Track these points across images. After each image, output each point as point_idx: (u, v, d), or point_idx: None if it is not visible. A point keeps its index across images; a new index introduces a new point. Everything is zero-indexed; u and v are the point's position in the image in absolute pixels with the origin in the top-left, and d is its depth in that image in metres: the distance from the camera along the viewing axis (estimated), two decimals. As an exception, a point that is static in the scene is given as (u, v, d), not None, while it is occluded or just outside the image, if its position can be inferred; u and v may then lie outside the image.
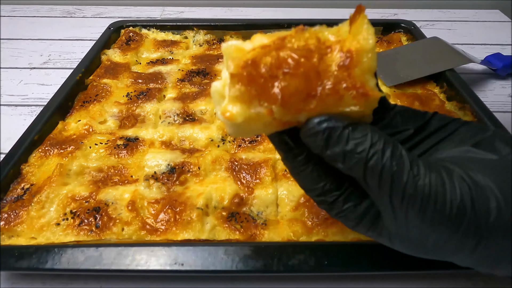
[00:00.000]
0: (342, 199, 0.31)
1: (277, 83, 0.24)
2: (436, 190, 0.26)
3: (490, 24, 0.99)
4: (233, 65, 0.25)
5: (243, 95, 0.25)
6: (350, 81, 0.24)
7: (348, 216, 0.31)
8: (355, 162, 0.27)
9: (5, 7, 1.05)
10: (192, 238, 0.41)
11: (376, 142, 0.27)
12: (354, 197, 0.31)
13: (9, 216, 0.42)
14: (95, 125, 0.55)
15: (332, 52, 0.25)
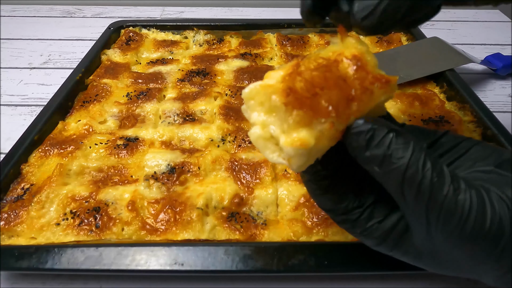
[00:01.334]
0: (365, 216, 0.31)
1: (321, 100, 0.26)
2: (476, 207, 0.25)
3: (490, 24, 0.99)
4: (277, 98, 0.26)
5: (303, 118, 0.26)
6: (371, 76, 0.27)
7: (373, 234, 0.31)
8: (394, 168, 0.26)
9: (5, 7, 1.05)
10: (192, 238, 0.41)
11: (417, 152, 0.26)
12: (378, 213, 0.30)
13: (9, 216, 0.43)
14: (95, 125, 0.55)
15: (341, 62, 0.28)
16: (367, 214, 0.31)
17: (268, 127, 0.27)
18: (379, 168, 0.27)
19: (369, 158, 0.27)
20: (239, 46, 0.76)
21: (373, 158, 0.27)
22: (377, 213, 0.31)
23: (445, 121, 0.56)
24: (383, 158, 0.26)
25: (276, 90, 0.26)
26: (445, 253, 0.28)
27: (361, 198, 0.31)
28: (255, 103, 0.28)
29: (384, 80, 0.27)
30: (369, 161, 0.27)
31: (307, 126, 0.26)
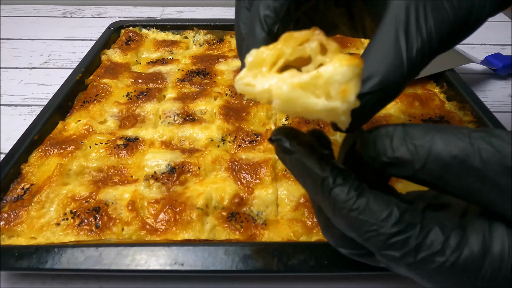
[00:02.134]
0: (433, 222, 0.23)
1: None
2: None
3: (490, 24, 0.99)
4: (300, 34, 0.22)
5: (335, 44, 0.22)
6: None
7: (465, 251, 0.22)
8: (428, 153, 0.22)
9: (5, 7, 1.05)
10: (192, 238, 0.41)
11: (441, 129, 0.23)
12: (448, 220, 0.24)
13: (9, 216, 0.42)
14: (95, 125, 0.55)
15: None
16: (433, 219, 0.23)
17: (292, 81, 0.21)
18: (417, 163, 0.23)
19: (399, 159, 0.24)
20: (239, 46, 0.76)
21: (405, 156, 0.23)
22: (447, 219, 0.24)
23: (445, 121, 0.56)
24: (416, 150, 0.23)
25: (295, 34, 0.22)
26: None
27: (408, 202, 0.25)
28: (267, 66, 0.23)
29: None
30: (402, 163, 0.24)
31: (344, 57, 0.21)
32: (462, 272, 0.22)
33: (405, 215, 0.23)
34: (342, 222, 0.25)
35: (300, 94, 0.21)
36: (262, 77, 0.23)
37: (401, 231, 0.23)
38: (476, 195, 0.22)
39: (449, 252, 0.22)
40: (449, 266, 0.22)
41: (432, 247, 0.22)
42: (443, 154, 0.22)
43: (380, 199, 0.24)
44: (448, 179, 0.22)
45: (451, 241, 0.22)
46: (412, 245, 0.23)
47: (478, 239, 0.22)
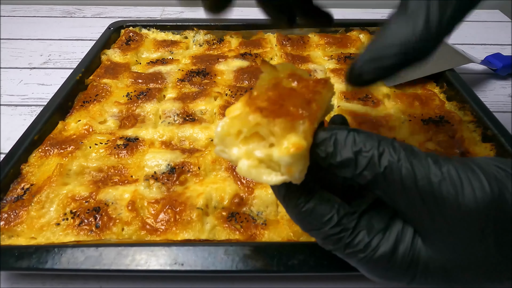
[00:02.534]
0: (363, 224, 0.28)
1: (289, 107, 0.27)
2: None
3: (490, 24, 0.99)
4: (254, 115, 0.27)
5: (286, 125, 0.27)
6: (312, 82, 0.30)
7: (379, 250, 0.28)
8: (367, 161, 0.26)
9: (5, 7, 1.05)
10: (192, 238, 0.41)
11: (384, 139, 0.27)
12: (378, 221, 0.29)
13: (9, 216, 0.42)
14: (95, 125, 0.55)
15: (283, 82, 0.30)
16: (365, 222, 0.29)
17: (253, 154, 0.27)
18: (355, 168, 0.27)
19: (342, 163, 0.27)
20: (239, 46, 0.76)
21: (346, 161, 0.27)
22: (376, 221, 0.29)
23: (445, 121, 0.56)
24: (355, 156, 0.26)
25: (247, 114, 0.27)
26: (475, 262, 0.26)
27: (350, 205, 0.30)
28: (232, 137, 0.28)
29: (322, 81, 0.30)
30: (344, 166, 0.27)
31: (292, 131, 0.26)
32: (375, 264, 0.28)
33: (343, 220, 0.29)
34: (293, 218, 0.31)
35: (255, 173, 0.27)
36: (231, 146, 0.28)
37: (335, 233, 0.29)
38: (392, 202, 0.27)
39: (369, 251, 0.28)
40: (367, 260, 0.28)
41: (357, 246, 0.28)
42: (375, 167, 0.26)
43: (324, 204, 0.29)
44: (375, 184, 0.27)
45: (373, 241, 0.28)
46: (342, 243, 0.29)
47: (391, 242, 0.28)
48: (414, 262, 0.27)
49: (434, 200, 0.25)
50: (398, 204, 0.27)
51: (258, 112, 0.27)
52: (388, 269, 0.28)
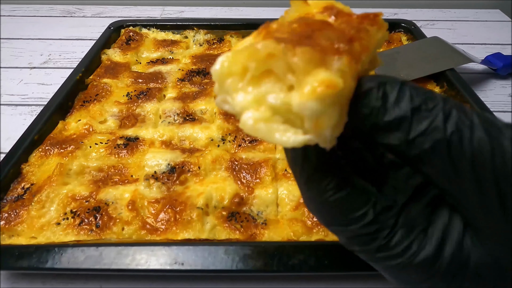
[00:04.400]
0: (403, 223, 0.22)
1: (321, 39, 0.19)
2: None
3: (490, 24, 0.99)
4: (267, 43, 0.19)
5: (312, 56, 0.18)
6: (356, 16, 0.23)
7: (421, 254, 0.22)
8: (429, 122, 0.19)
9: (5, 7, 1.05)
10: (192, 237, 0.41)
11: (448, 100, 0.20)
12: (419, 218, 0.23)
13: (10, 215, 0.43)
14: (95, 125, 0.55)
15: (315, 16, 0.23)
16: (404, 219, 0.22)
17: (265, 100, 0.19)
18: (408, 133, 0.19)
19: (391, 123, 0.20)
20: (239, 46, 0.76)
21: (398, 120, 0.20)
22: (418, 217, 0.22)
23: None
24: (411, 114, 0.19)
25: (257, 46, 0.19)
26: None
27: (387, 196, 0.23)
28: (236, 78, 0.20)
29: (371, 15, 0.23)
30: (393, 128, 0.20)
31: (321, 65, 0.18)
32: (414, 271, 0.22)
33: (380, 217, 0.22)
34: (314, 210, 0.25)
35: (265, 130, 0.19)
36: (235, 91, 0.20)
37: (369, 233, 0.23)
38: (447, 184, 0.21)
39: (408, 255, 0.22)
40: (403, 266, 0.22)
41: (394, 250, 0.22)
42: (439, 131, 0.19)
43: (359, 195, 0.23)
44: (431, 157, 0.20)
45: (414, 244, 0.22)
46: (375, 245, 0.23)
47: (435, 241, 0.22)
48: (463, 266, 0.21)
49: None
50: (455, 188, 0.20)
51: (273, 41, 0.19)
52: (429, 276, 0.22)
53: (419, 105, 0.20)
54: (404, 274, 0.23)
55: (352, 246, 0.24)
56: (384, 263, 0.23)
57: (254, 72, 0.19)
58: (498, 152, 0.18)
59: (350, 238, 0.23)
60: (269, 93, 0.19)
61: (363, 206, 0.22)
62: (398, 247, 0.22)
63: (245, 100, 0.19)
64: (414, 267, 0.22)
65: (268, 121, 0.19)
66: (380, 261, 0.23)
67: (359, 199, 0.23)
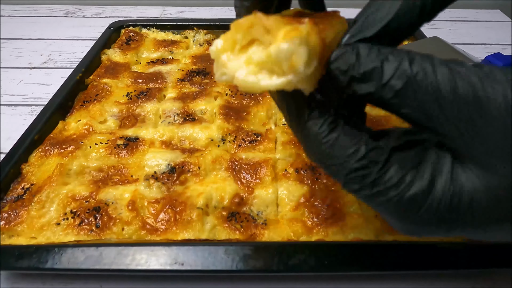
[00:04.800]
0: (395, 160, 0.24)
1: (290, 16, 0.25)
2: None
3: (490, 24, 0.99)
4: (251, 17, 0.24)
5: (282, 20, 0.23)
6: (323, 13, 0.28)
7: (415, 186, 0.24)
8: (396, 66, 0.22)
9: (5, 7, 1.05)
10: (192, 237, 0.41)
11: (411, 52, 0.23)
12: (411, 158, 0.25)
13: (9, 215, 0.43)
14: (95, 125, 0.55)
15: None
16: (397, 157, 0.24)
17: (252, 59, 0.24)
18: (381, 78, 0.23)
19: (366, 74, 0.23)
20: (239, 46, 0.76)
21: (371, 70, 0.23)
22: (409, 158, 0.24)
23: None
24: (381, 64, 0.23)
25: (240, 21, 0.24)
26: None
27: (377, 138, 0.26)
28: (228, 52, 0.25)
29: (331, 13, 0.28)
30: (368, 78, 0.23)
31: (290, 24, 0.23)
32: (409, 204, 0.24)
33: (371, 153, 0.25)
34: (313, 154, 0.27)
35: (252, 80, 0.23)
36: (229, 62, 0.25)
37: (363, 167, 0.25)
38: (424, 119, 0.23)
39: (402, 187, 0.24)
40: (399, 199, 0.24)
41: (388, 182, 0.24)
42: (406, 71, 0.22)
43: (350, 135, 0.25)
44: (406, 96, 0.23)
45: (407, 177, 0.24)
46: (370, 180, 0.24)
47: (427, 176, 0.24)
48: (456, 197, 0.23)
49: (478, 105, 0.21)
50: (432, 121, 0.23)
51: (252, 14, 0.24)
52: (425, 211, 0.24)
53: (387, 56, 0.23)
54: (400, 211, 0.25)
55: (351, 185, 0.26)
56: (380, 198, 0.25)
57: (242, 41, 0.24)
58: (459, 79, 0.21)
59: (347, 175, 0.25)
60: (254, 53, 0.24)
61: (355, 144, 0.25)
62: (392, 179, 0.24)
63: (236, 64, 0.24)
64: (408, 200, 0.24)
65: (255, 73, 0.24)
66: (378, 196, 0.25)
67: (350, 139, 0.25)
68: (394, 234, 0.41)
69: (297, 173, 0.47)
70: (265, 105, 0.59)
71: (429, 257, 0.37)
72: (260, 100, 0.60)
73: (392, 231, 0.41)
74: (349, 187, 0.26)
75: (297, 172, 0.47)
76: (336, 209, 0.43)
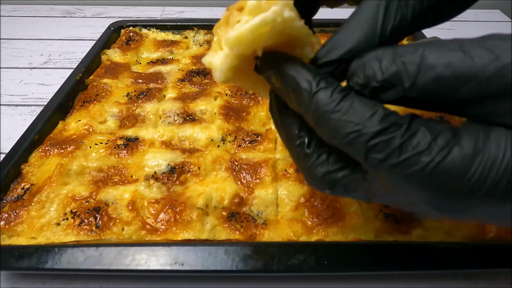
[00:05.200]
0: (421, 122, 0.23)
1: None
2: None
3: (490, 24, 0.99)
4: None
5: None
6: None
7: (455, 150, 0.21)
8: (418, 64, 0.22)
9: (5, 7, 1.05)
10: (192, 238, 0.41)
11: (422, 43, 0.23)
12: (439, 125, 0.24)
13: (10, 216, 0.43)
14: (95, 125, 0.55)
15: None
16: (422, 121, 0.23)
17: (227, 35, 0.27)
18: (408, 79, 0.23)
19: (388, 80, 0.24)
20: (239, 46, 0.76)
21: (393, 74, 0.23)
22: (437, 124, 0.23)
23: (445, 121, 0.56)
24: (403, 65, 0.23)
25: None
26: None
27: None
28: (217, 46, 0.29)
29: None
30: (392, 83, 0.24)
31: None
32: (447, 174, 0.21)
33: (391, 116, 0.23)
34: (325, 127, 0.24)
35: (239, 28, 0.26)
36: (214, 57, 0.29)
37: (385, 129, 0.22)
38: (471, 105, 0.21)
39: (435, 152, 0.21)
40: (434, 167, 0.21)
41: (418, 147, 0.21)
42: (434, 66, 0.21)
43: (365, 101, 0.23)
44: (442, 92, 0.21)
45: (439, 140, 0.21)
46: (396, 144, 0.22)
47: (471, 139, 0.21)
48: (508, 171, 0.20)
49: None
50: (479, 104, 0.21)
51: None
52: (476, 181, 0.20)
53: (401, 55, 0.23)
54: (437, 182, 0.21)
55: (374, 155, 0.22)
56: (411, 168, 0.21)
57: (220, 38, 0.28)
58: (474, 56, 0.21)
59: (368, 143, 0.22)
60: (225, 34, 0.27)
61: (371, 108, 0.23)
62: (421, 144, 0.21)
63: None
64: (447, 168, 0.20)
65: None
66: (407, 166, 0.21)
67: (365, 105, 0.23)
68: (394, 234, 0.41)
69: (297, 173, 0.47)
70: (265, 105, 0.59)
71: (429, 257, 0.37)
72: (260, 100, 0.60)
73: (392, 231, 0.41)
74: (373, 158, 0.22)
75: (297, 172, 0.48)
76: (336, 209, 0.43)
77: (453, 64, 0.21)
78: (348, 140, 0.23)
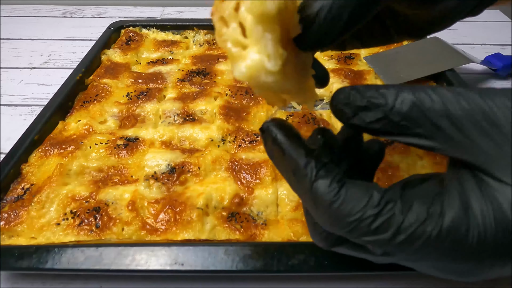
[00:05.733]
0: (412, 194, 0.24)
1: None
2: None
3: (490, 24, 0.99)
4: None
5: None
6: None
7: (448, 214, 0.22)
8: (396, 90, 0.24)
9: (5, 7, 1.05)
10: (192, 238, 0.41)
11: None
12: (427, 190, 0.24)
13: (9, 216, 0.43)
14: (95, 125, 0.55)
15: None
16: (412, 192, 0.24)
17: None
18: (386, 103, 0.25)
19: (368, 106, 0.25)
20: (239, 46, 0.76)
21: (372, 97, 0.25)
22: (425, 190, 0.24)
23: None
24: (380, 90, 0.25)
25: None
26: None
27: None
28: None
29: None
30: (372, 106, 0.25)
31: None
32: (450, 236, 0.22)
33: (385, 195, 0.24)
34: (325, 216, 0.25)
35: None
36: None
37: (383, 209, 0.23)
38: (442, 136, 0.23)
39: (435, 219, 0.22)
40: (437, 235, 0.22)
41: (419, 218, 0.22)
42: (407, 97, 0.24)
43: (359, 187, 0.24)
44: (415, 118, 0.23)
45: (433, 208, 0.22)
46: (398, 221, 0.22)
47: (457, 198, 0.22)
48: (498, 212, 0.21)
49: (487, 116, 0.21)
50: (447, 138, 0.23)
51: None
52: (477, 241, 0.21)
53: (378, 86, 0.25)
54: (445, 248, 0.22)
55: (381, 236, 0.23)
56: (419, 240, 0.22)
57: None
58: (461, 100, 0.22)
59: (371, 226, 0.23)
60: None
61: (365, 193, 0.24)
62: (420, 214, 0.22)
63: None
64: (448, 230, 0.21)
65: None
66: (415, 239, 0.22)
67: (360, 190, 0.24)
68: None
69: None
70: (265, 105, 0.59)
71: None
72: (260, 100, 0.60)
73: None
74: (380, 239, 0.23)
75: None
76: (336, 209, 0.43)
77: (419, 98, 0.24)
78: (349, 229, 0.24)
